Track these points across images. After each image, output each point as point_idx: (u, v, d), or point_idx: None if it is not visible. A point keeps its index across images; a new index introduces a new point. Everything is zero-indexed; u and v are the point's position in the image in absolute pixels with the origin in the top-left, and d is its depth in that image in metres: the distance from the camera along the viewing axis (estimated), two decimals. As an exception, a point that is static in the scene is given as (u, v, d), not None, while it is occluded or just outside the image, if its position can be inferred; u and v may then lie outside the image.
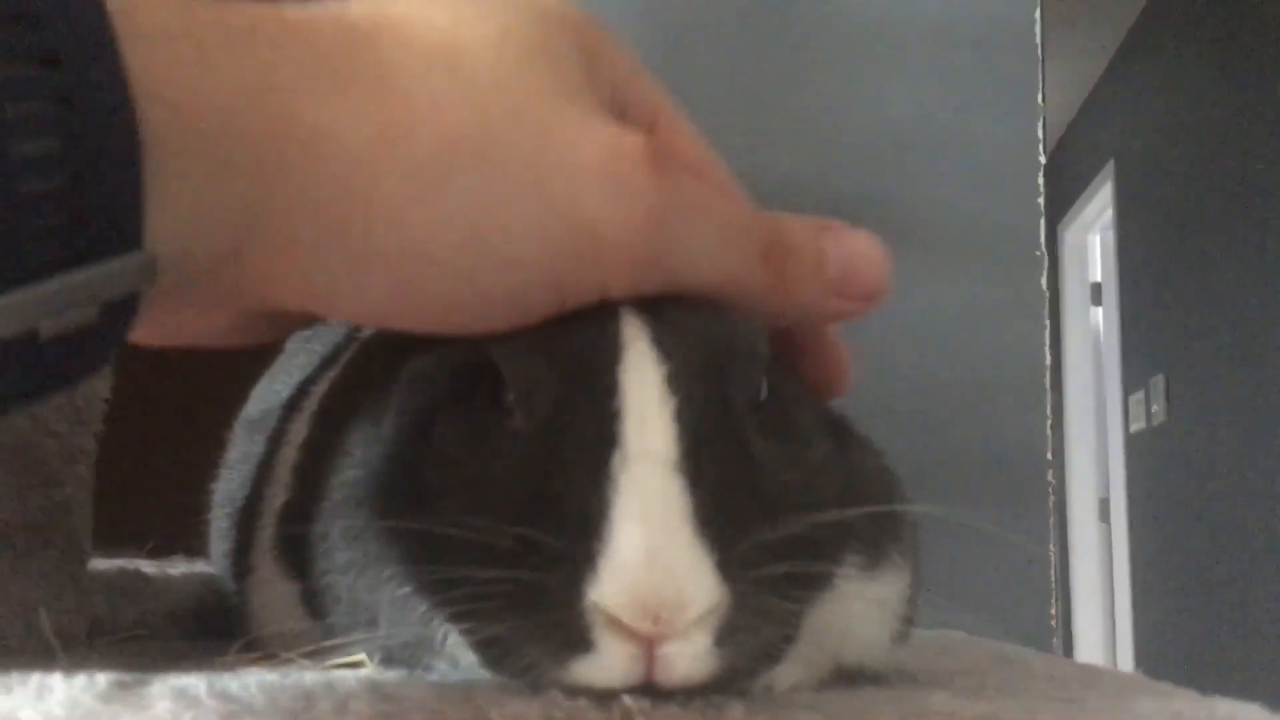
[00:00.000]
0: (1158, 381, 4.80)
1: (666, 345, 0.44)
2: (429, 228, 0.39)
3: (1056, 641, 1.35)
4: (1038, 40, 1.47)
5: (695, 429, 0.43)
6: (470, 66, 0.40)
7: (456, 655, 0.48)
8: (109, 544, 0.76)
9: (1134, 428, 5.14)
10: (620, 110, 0.45)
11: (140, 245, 0.35)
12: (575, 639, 0.41)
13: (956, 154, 1.45)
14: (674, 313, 0.45)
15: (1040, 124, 1.42)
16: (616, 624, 0.40)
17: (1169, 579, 4.81)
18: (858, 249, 0.48)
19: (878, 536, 0.52)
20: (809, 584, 0.45)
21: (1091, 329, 5.88)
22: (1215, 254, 4.23)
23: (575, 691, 0.43)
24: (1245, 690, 0.51)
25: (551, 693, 0.43)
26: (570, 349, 0.44)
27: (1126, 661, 5.21)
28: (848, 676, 0.53)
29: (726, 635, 0.41)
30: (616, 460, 0.41)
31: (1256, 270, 3.87)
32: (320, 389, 0.62)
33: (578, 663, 0.41)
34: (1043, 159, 1.39)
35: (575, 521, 0.41)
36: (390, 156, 0.39)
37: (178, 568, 0.76)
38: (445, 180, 0.39)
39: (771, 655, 0.45)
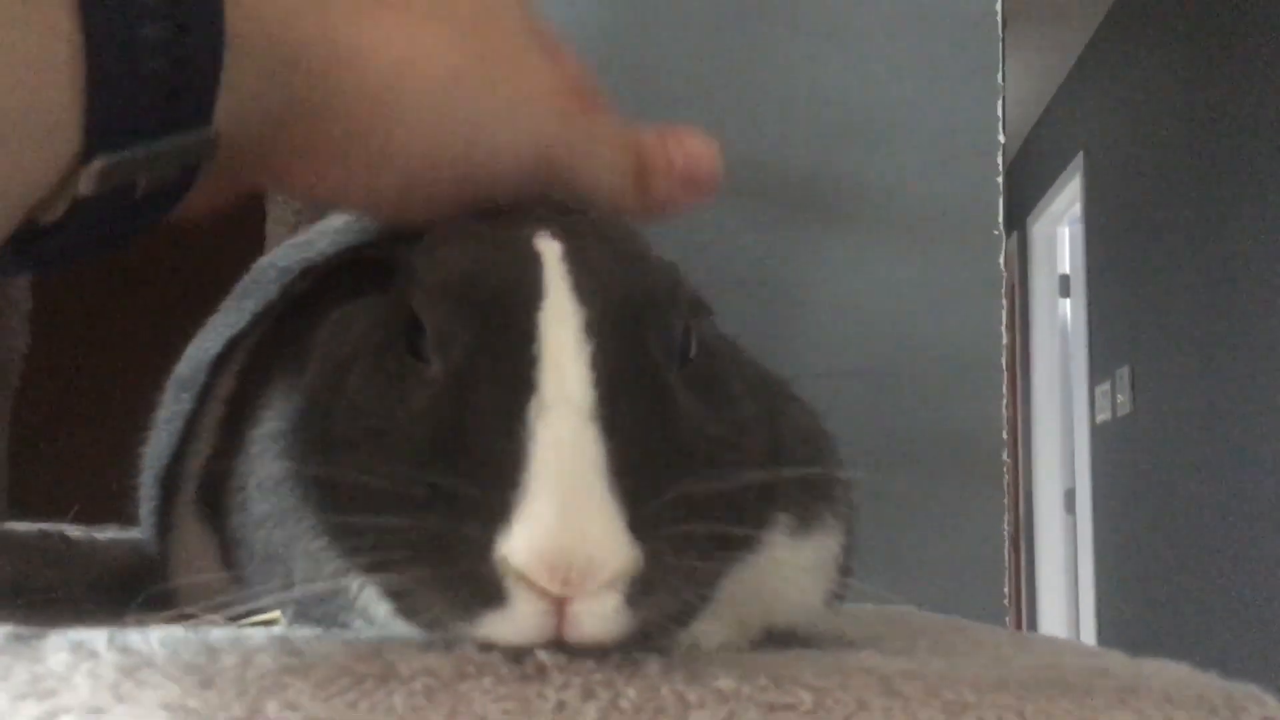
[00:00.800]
0: (1124, 373, 4.83)
1: (586, 291, 0.43)
2: (439, 139, 0.48)
3: (1009, 621, 1.34)
4: (999, 19, 1.46)
5: (613, 376, 0.41)
6: (465, 10, 0.49)
7: (370, 610, 0.46)
8: (38, 510, 0.74)
9: (1100, 419, 5.17)
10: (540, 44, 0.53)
11: (211, 120, 0.43)
12: (486, 592, 0.40)
13: (918, 135, 1.44)
14: (595, 259, 0.44)
15: (1000, 103, 1.41)
16: (527, 580, 0.39)
17: (1133, 570, 4.84)
18: (695, 148, 0.55)
19: (808, 497, 0.51)
20: (731, 544, 0.44)
21: (1059, 320, 5.91)
22: (1182, 247, 4.26)
23: (487, 646, 0.42)
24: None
25: (465, 647, 0.42)
26: (489, 295, 0.43)
27: (1090, 651, 5.23)
28: (780, 638, 0.52)
29: (638, 595, 0.40)
30: (532, 407, 0.40)
31: (1222, 264, 3.90)
32: (249, 343, 0.60)
33: (488, 617, 0.40)
34: (1002, 139, 1.39)
35: (489, 470, 0.40)
36: (411, 78, 0.47)
37: (107, 533, 0.74)
38: (453, 103, 0.48)
39: (687, 615, 0.44)
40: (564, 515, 0.39)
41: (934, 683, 0.41)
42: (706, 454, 0.43)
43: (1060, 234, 5.96)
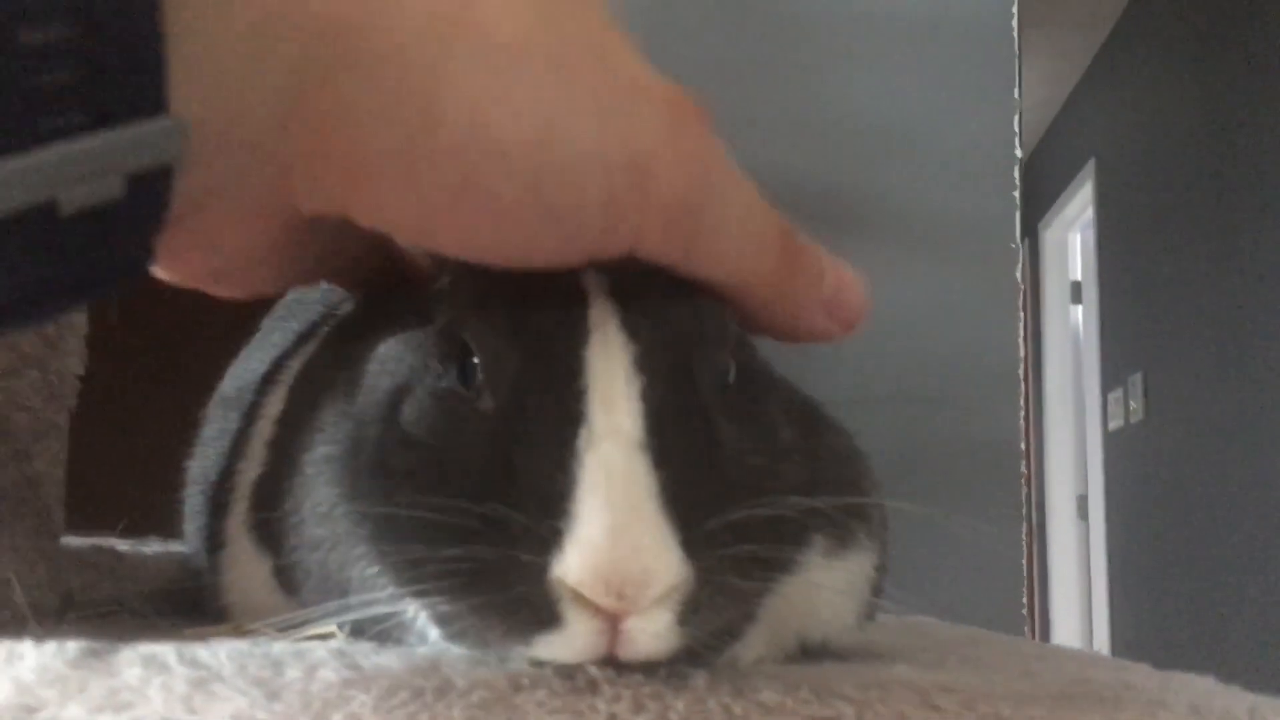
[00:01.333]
0: (1136, 379, 4.83)
1: (634, 327, 0.44)
2: (502, 120, 0.36)
3: (1028, 631, 1.36)
4: (1014, 33, 1.48)
5: (661, 409, 0.43)
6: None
7: (426, 632, 0.48)
8: (83, 524, 0.76)
9: (1112, 425, 5.17)
10: None
11: (165, 108, 0.32)
12: (541, 614, 0.42)
13: (934, 148, 1.46)
14: (642, 296, 0.46)
15: (1017, 118, 1.42)
16: (581, 600, 0.41)
17: (1146, 576, 4.83)
18: (848, 276, 0.48)
19: (844, 518, 0.53)
20: (773, 565, 0.46)
21: (1071, 327, 5.91)
22: (1194, 253, 4.26)
23: (541, 664, 0.43)
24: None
25: (518, 663, 0.44)
26: (539, 329, 0.45)
27: (1103, 658, 5.22)
28: (813, 653, 0.54)
29: (689, 613, 0.42)
30: (583, 438, 0.42)
31: (1234, 269, 3.90)
32: (296, 364, 0.62)
33: (543, 638, 0.42)
34: (1019, 153, 1.40)
35: (541, 498, 0.41)
36: (462, 36, 0.36)
37: (151, 547, 0.76)
38: (519, 75, 0.36)
39: (733, 633, 0.46)
40: (616, 533, 0.40)
41: (970, 696, 0.43)
42: (748, 481, 0.45)
43: (1072, 240, 5.96)
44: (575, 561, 0.40)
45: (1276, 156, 3.63)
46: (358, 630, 0.50)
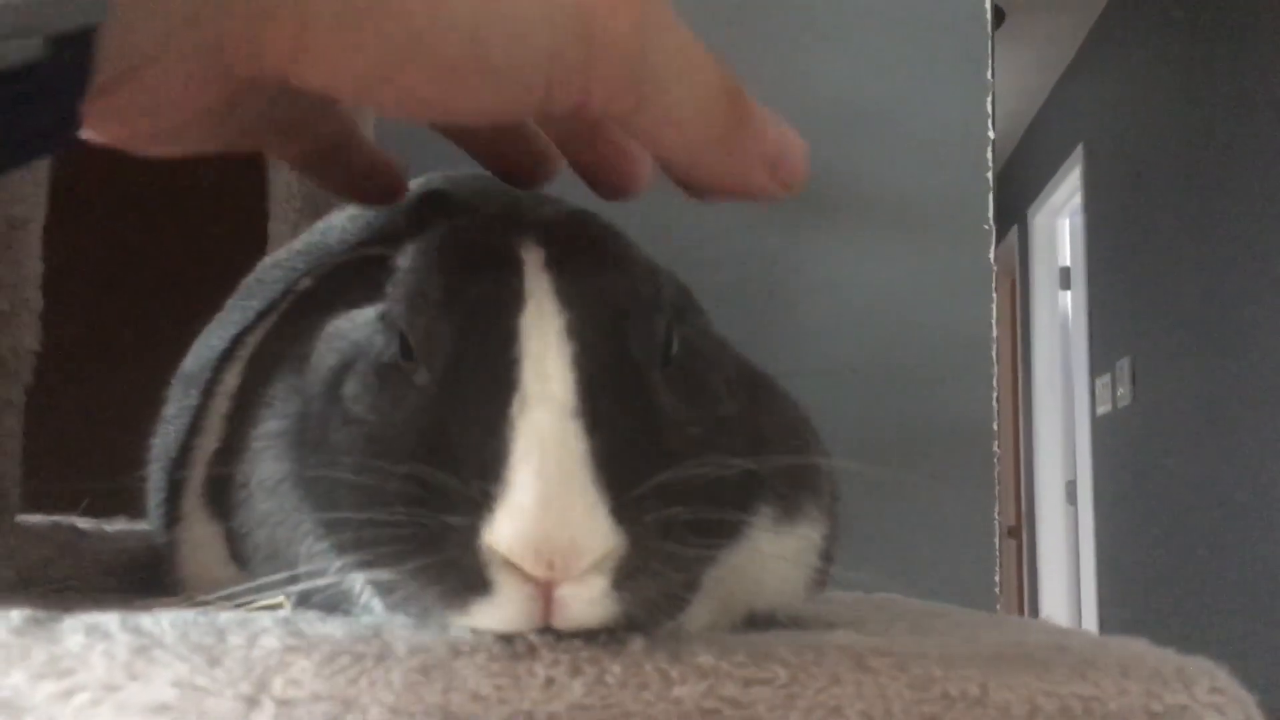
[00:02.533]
0: (1124, 365, 4.84)
1: (567, 296, 0.45)
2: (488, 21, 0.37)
3: (999, 609, 1.37)
4: (988, 14, 1.48)
5: (594, 376, 0.43)
6: None
7: (371, 604, 0.49)
8: (48, 504, 0.76)
9: (1100, 411, 5.18)
10: None
11: None
12: (473, 581, 0.42)
13: (909, 130, 1.46)
14: (578, 266, 0.46)
15: (990, 100, 1.43)
16: (512, 567, 0.41)
17: (1135, 560, 4.85)
18: (790, 134, 0.48)
19: (791, 488, 0.53)
20: (716, 532, 0.46)
21: (1060, 313, 5.92)
22: (1183, 239, 4.27)
23: (480, 632, 0.44)
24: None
25: (458, 630, 0.44)
26: (473, 300, 0.45)
27: (1092, 642, 5.24)
28: (760, 623, 0.55)
29: (624, 579, 0.42)
30: (515, 405, 0.42)
31: (1223, 255, 3.91)
32: (254, 340, 0.63)
33: (476, 605, 0.42)
34: (992, 134, 1.41)
35: (473, 465, 0.42)
36: None
37: (115, 525, 0.76)
38: None
39: (674, 601, 0.46)
40: (546, 502, 0.40)
41: (903, 659, 0.43)
42: (686, 450, 0.45)
43: (1060, 226, 5.97)
44: (505, 529, 0.40)
45: (1264, 141, 3.64)
46: (304, 602, 0.51)
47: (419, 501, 0.42)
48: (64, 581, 0.65)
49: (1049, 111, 5.99)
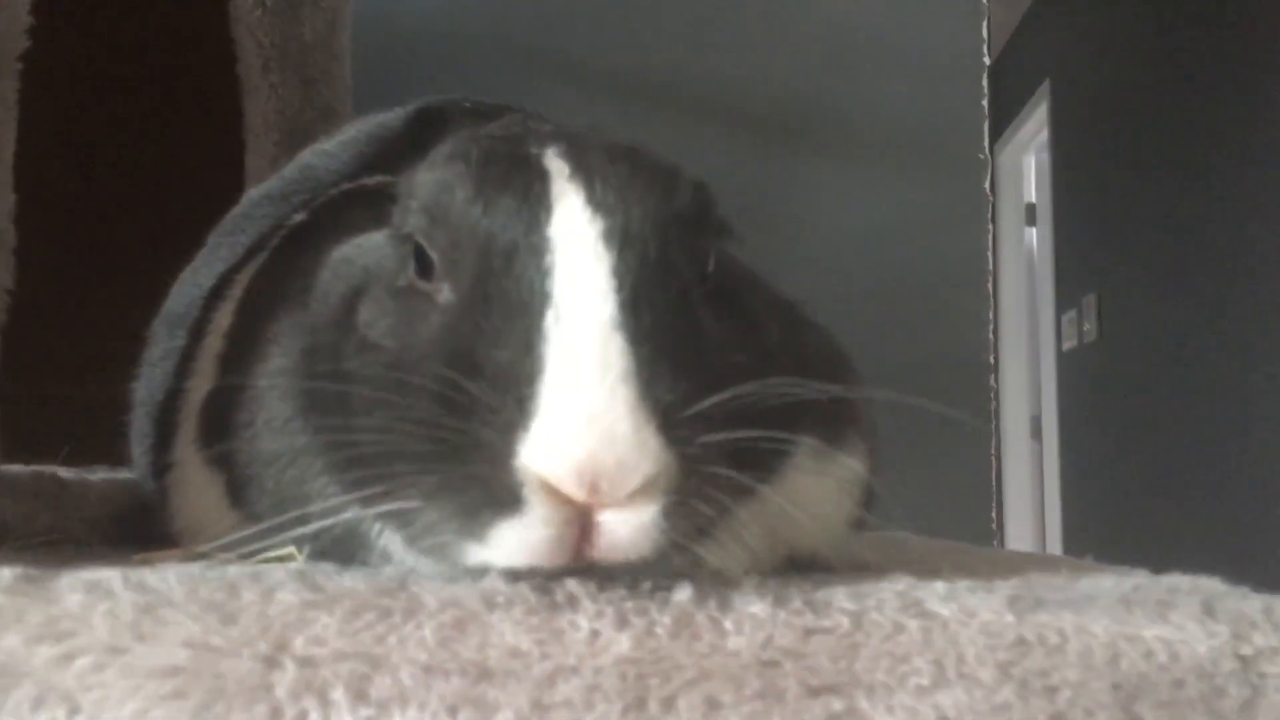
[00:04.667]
0: (1090, 300, 4.85)
1: (601, 202, 0.41)
2: None
3: (997, 545, 1.35)
4: (980, -63, 1.44)
5: (636, 286, 0.40)
6: None
7: (390, 548, 0.45)
8: (24, 453, 0.72)
9: (1066, 346, 5.20)
10: None
11: None
12: (503, 502, 0.38)
13: (901, 59, 1.42)
14: (610, 173, 0.43)
15: (985, 24, 1.39)
16: (549, 489, 0.37)
17: (1099, 495, 4.90)
18: None
19: (835, 416, 0.50)
20: (765, 458, 0.43)
21: (1025, 249, 5.92)
22: (1148, 175, 4.26)
23: (514, 576, 0.41)
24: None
25: (492, 576, 0.41)
26: (497, 211, 0.42)
27: (1057, 576, 5.30)
28: (801, 565, 0.52)
29: (675, 505, 0.38)
30: (549, 319, 0.39)
31: (1188, 191, 3.91)
32: (245, 277, 0.59)
33: (504, 530, 0.38)
34: (987, 60, 1.37)
35: (506, 381, 0.38)
36: None
37: (97, 474, 0.72)
38: None
39: (713, 528, 0.42)
40: (590, 418, 0.37)
41: (969, 604, 0.41)
42: (734, 374, 0.41)
43: (1026, 163, 5.95)
44: (544, 445, 0.37)
45: (1230, 78, 3.63)
46: (319, 552, 0.47)
47: (444, 417, 0.38)
48: (47, 534, 0.61)
49: (1015, 48, 5.95)
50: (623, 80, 1.20)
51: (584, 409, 0.37)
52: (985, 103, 1.37)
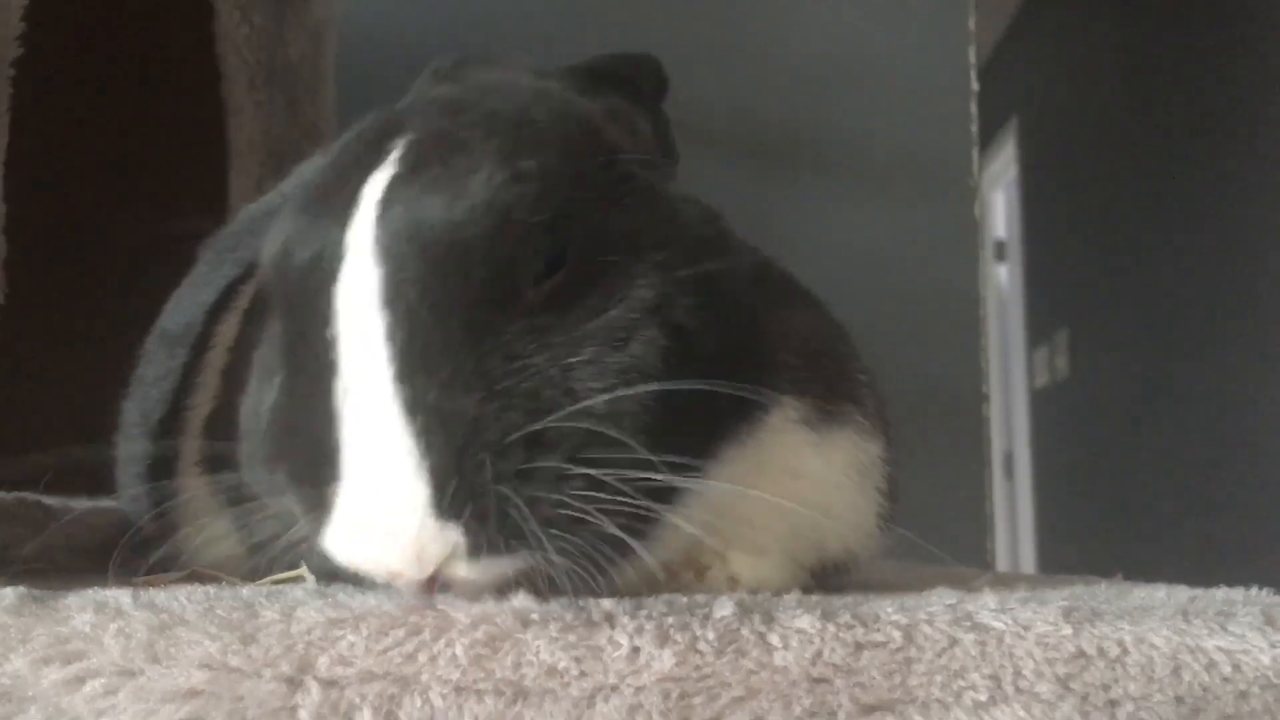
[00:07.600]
0: (1062, 337, 4.87)
1: (387, 245, 0.39)
2: None
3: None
4: (968, -35, 1.44)
5: (416, 343, 0.38)
6: None
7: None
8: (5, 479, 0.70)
9: (1039, 383, 5.21)
10: None
11: None
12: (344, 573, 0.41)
13: (890, 82, 1.42)
14: (413, 192, 0.40)
15: (972, 50, 1.39)
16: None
17: (1073, 533, 4.90)
18: None
19: (822, 385, 0.49)
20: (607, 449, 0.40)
21: (995, 286, 5.95)
22: (1118, 210, 4.30)
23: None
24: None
25: (519, 595, 0.39)
26: (296, 274, 0.42)
27: (1031, 612, 5.29)
28: (832, 577, 0.50)
29: (486, 549, 0.38)
30: (339, 391, 0.39)
31: (1159, 227, 3.94)
32: (250, 288, 0.57)
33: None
34: (975, 85, 1.37)
35: (312, 464, 0.39)
36: None
37: (80, 502, 0.70)
38: None
39: (606, 539, 0.40)
40: (370, 520, 0.37)
41: (1024, 617, 0.39)
42: (563, 377, 0.39)
43: (995, 199, 6.00)
44: (341, 545, 0.38)
45: (1199, 113, 3.67)
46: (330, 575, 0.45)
47: (283, 493, 0.41)
48: (33, 562, 0.59)
49: (983, 83, 6.01)
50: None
51: (366, 511, 0.37)
52: (974, 128, 1.37)
